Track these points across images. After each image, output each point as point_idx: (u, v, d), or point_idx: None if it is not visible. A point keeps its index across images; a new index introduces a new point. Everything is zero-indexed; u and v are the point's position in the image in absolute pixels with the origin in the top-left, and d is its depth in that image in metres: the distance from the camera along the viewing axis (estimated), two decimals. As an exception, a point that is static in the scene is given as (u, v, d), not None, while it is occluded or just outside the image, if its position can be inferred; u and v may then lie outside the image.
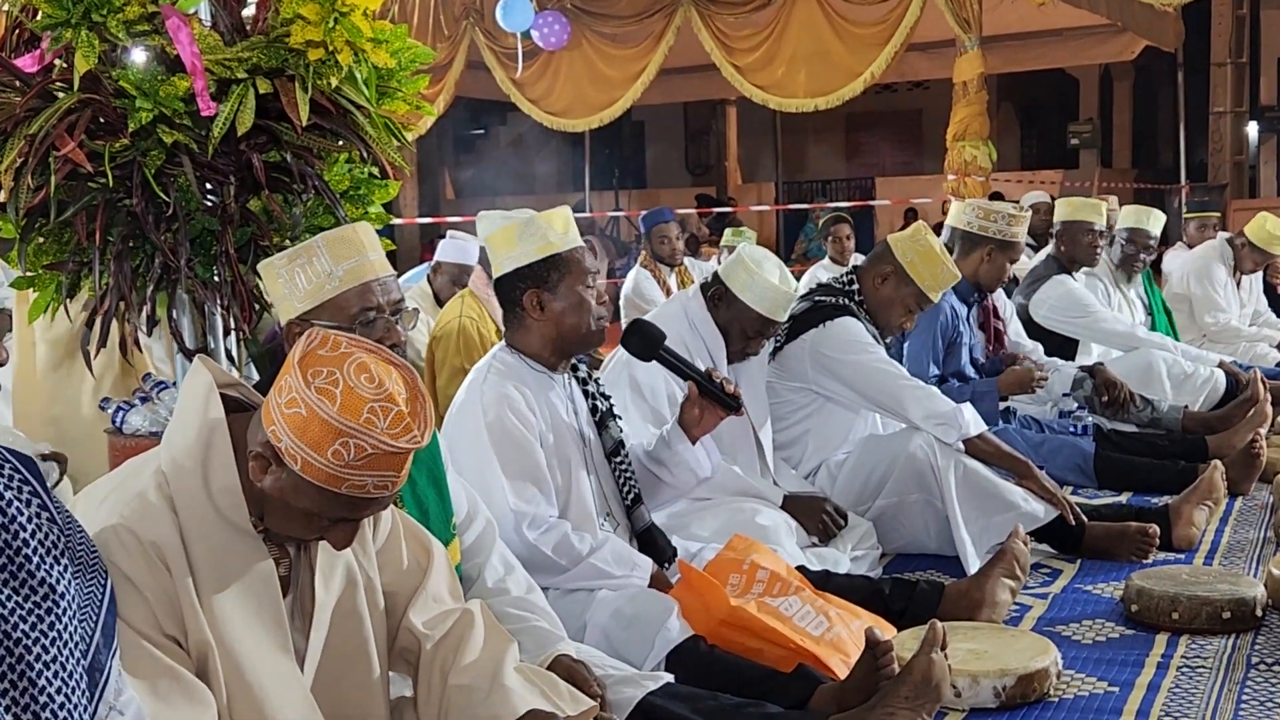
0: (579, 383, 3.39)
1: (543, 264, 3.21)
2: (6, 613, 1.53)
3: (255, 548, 2.02)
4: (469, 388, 3.27)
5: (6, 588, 1.53)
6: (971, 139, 10.16)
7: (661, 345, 3.30)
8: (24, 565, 1.55)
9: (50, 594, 1.57)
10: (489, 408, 3.15)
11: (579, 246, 3.27)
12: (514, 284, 3.24)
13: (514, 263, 3.23)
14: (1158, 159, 19.91)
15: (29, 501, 1.58)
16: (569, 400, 3.32)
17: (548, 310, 3.22)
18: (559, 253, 3.21)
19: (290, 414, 1.86)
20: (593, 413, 3.38)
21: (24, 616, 1.54)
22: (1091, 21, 12.85)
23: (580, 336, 3.25)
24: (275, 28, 3.07)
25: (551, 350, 3.27)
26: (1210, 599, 3.46)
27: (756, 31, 11.02)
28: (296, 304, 2.52)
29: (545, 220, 3.25)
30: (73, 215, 3.02)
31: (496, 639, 2.26)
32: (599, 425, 3.37)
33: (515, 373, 3.24)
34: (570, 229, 3.27)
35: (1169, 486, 4.81)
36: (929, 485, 4.18)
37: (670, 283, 8.31)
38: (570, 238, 3.24)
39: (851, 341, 4.36)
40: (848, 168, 22.53)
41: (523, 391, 3.18)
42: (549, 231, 3.22)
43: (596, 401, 3.40)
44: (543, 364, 3.28)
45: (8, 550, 1.55)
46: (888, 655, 2.74)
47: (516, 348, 3.29)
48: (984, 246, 5.21)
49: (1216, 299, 7.56)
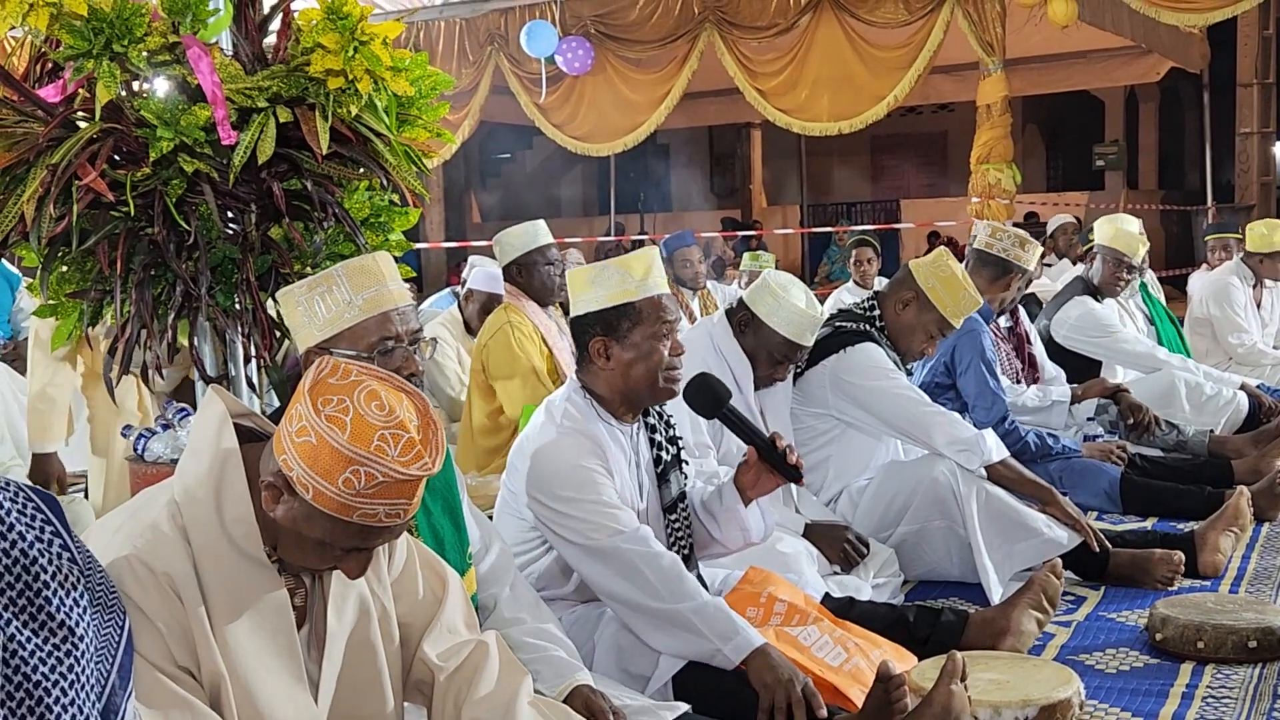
0: (647, 429, 3.26)
1: (614, 311, 3.08)
2: (26, 654, 1.53)
3: (269, 578, 2.02)
4: (546, 424, 3.15)
5: (26, 628, 1.54)
6: (996, 161, 10.14)
7: (726, 405, 3.13)
8: (44, 606, 1.55)
9: (69, 635, 1.57)
10: (567, 450, 3.04)
11: (658, 295, 3.10)
12: (585, 328, 3.13)
13: (586, 306, 3.12)
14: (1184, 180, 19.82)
15: (50, 541, 1.59)
16: (633, 451, 3.21)
17: (614, 360, 3.09)
18: (633, 301, 3.07)
19: (301, 443, 1.86)
20: (656, 463, 3.25)
21: (43, 659, 1.54)
22: (1116, 43, 12.82)
23: (648, 390, 3.12)
24: (295, 57, 3.10)
25: (620, 400, 3.15)
26: (1236, 628, 3.42)
27: (780, 55, 11.02)
28: (315, 332, 2.52)
29: (622, 265, 3.10)
30: (95, 244, 3.05)
31: (511, 672, 2.25)
32: (660, 476, 3.24)
33: (586, 418, 3.12)
34: (650, 274, 3.10)
35: (1195, 512, 4.78)
36: (951, 512, 4.15)
37: (693, 306, 8.31)
38: (649, 284, 3.09)
39: (872, 367, 4.35)
40: (872, 190, 22.52)
41: (593, 439, 3.08)
42: (626, 277, 3.08)
43: (662, 452, 3.26)
44: (611, 412, 3.16)
45: (28, 591, 1.55)
46: (900, 690, 2.71)
47: (587, 388, 3.18)
48: (993, 266, 5.25)
49: (1238, 320, 7.51)
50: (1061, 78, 15.29)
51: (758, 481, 3.17)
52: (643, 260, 3.11)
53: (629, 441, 3.20)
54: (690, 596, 2.92)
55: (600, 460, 3.05)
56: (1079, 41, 12.32)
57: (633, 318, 3.07)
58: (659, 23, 11.23)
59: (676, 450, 3.30)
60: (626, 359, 3.08)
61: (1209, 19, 9.93)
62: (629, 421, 3.20)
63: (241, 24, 3.19)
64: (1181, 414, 5.99)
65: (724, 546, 3.33)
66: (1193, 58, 13.51)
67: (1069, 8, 9.59)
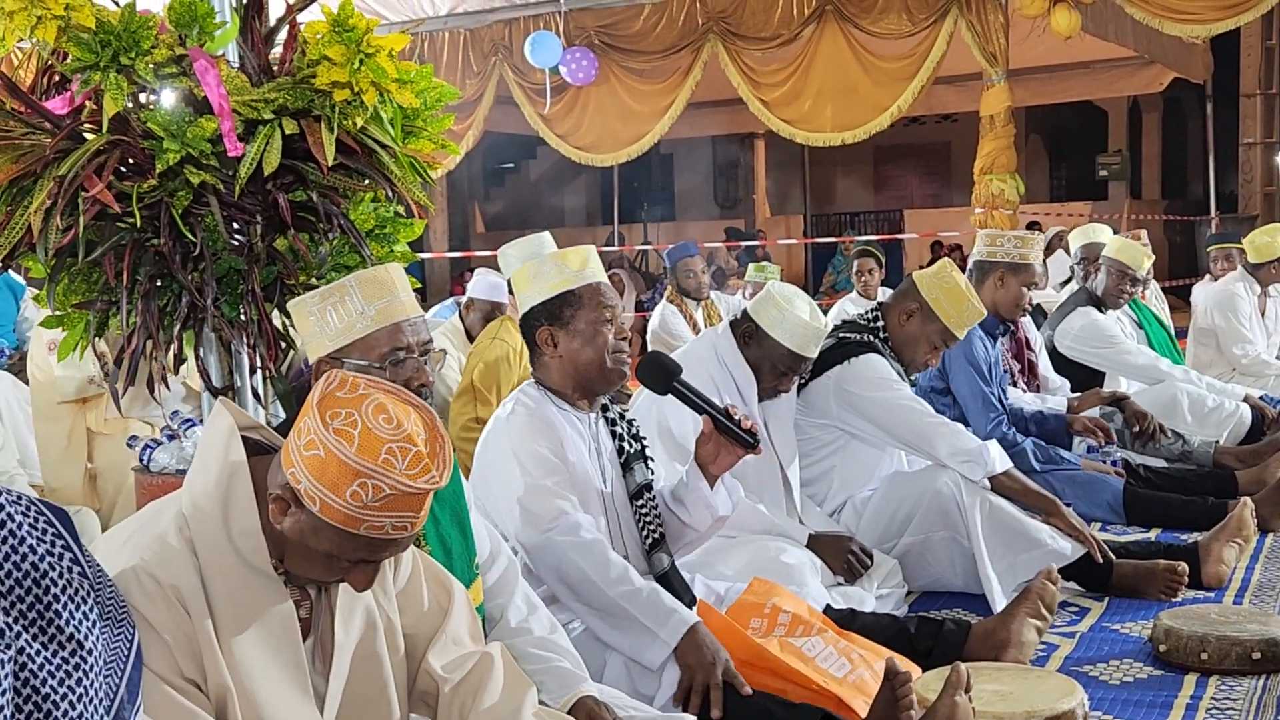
0: (607, 423, 3.35)
1: (556, 300, 3.21)
2: (35, 667, 1.53)
3: (275, 590, 2.02)
4: (494, 420, 3.28)
5: (36, 641, 1.54)
6: (999, 172, 10.14)
7: (676, 378, 3.21)
8: (53, 620, 1.56)
9: (78, 649, 1.58)
10: (515, 434, 3.15)
11: (596, 282, 3.23)
12: (531, 321, 3.26)
13: (530, 301, 3.25)
14: (1187, 190, 19.84)
15: (60, 555, 1.59)
16: (593, 440, 3.29)
17: (561, 347, 3.21)
18: (572, 289, 3.20)
19: (309, 456, 1.87)
20: (619, 454, 3.33)
21: (52, 672, 1.54)
22: (1119, 54, 12.83)
23: (597, 373, 3.22)
24: (302, 69, 3.10)
25: (573, 388, 3.25)
26: (1240, 639, 3.42)
27: (783, 66, 11.03)
28: (327, 342, 2.55)
29: (559, 257, 3.24)
30: (101, 255, 3.05)
31: (516, 683, 2.26)
32: (624, 466, 3.32)
33: (540, 408, 3.22)
34: (587, 265, 3.24)
35: (1199, 523, 4.78)
36: (955, 523, 4.15)
37: (697, 317, 8.32)
38: (586, 273, 3.22)
39: (876, 378, 4.35)
40: (876, 200, 22.54)
41: (548, 427, 3.18)
42: (563, 268, 3.21)
43: (624, 442, 3.35)
44: (567, 401, 3.26)
45: (38, 605, 1.55)
46: (906, 686, 2.72)
47: (542, 384, 3.29)
48: (995, 272, 5.26)
49: (1242, 330, 7.51)
50: (1065, 88, 15.31)
51: (718, 455, 3.23)
52: (579, 253, 3.25)
53: (588, 429, 3.28)
54: (623, 582, 2.99)
55: (549, 441, 3.13)
56: (1082, 52, 12.33)
57: (574, 304, 3.20)
58: (663, 34, 11.24)
59: (641, 446, 3.38)
60: (574, 345, 3.20)
61: (1212, 30, 9.94)
62: (586, 410, 3.28)
63: (248, 36, 3.20)
64: (1184, 426, 6.00)
65: (695, 530, 3.38)
66: (1196, 68, 13.53)
67: (1072, 18, 9.60)
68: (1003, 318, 5.33)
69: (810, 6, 10.64)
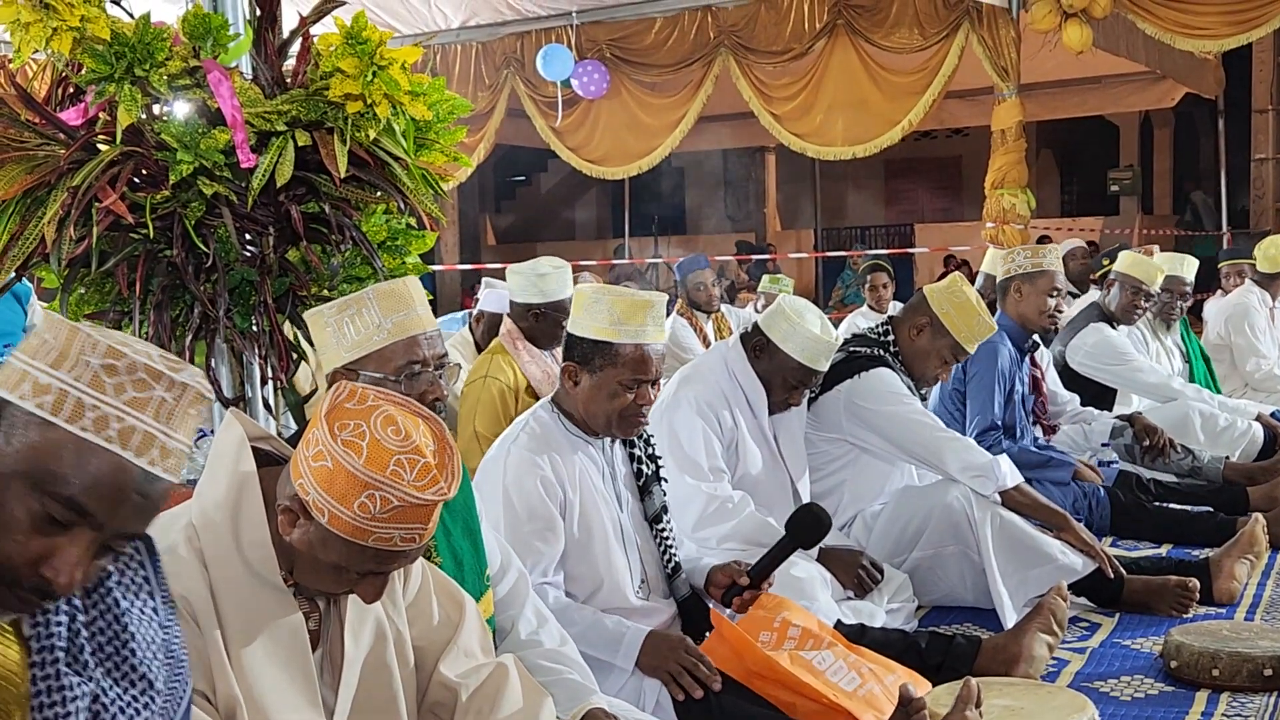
0: (624, 445, 3.31)
1: (595, 345, 3.14)
2: (108, 701, 1.55)
3: (285, 602, 2.02)
4: (500, 444, 3.25)
5: (109, 676, 1.56)
6: (1010, 186, 10.13)
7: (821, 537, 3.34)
8: (128, 659, 1.59)
9: (149, 688, 1.60)
10: (510, 469, 3.12)
11: (643, 346, 3.11)
12: (570, 346, 3.21)
13: (574, 328, 3.19)
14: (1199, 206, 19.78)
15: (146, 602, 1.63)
16: (607, 465, 3.26)
17: (581, 388, 3.17)
18: (616, 343, 3.11)
19: (317, 467, 1.87)
20: (636, 477, 3.30)
21: (122, 708, 1.56)
22: (1131, 69, 12.81)
23: (602, 426, 3.19)
24: (315, 81, 3.12)
25: (581, 425, 3.22)
26: (1251, 656, 3.41)
27: (794, 80, 11.03)
28: (343, 354, 2.55)
29: (619, 305, 3.11)
30: (114, 266, 3.06)
31: (533, 693, 2.26)
32: (642, 490, 3.29)
33: (549, 435, 3.18)
34: (645, 324, 3.11)
35: (1207, 539, 4.76)
36: (965, 537, 4.15)
37: (707, 330, 8.32)
38: (638, 332, 3.10)
39: (886, 393, 4.34)
40: (887, 214, 22.51)
41: (552, 459, 3.13)
42: (616, 318, 3.11)
43: (642, 466, 3.31)
44: (580, 428, 3.23)
45: (115, 642, 1.58)
46: (920, 714, 2.71)
47: (559, 406, 3.25)
48: (1012, 286, 5.27)
49: (1257, 345, 7.49)
50: (1076, 103, 15.28)
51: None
52: (642, 309, 3.11)
53: (602, 455, 3.25)
54: (574, 623, 2.99)
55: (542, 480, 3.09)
56: (1094, 67, 12.32)
57: (609, 358, 3.11)
58: (674, 47, 11.26)
59: (656, 467, 3.34)
60: (590, 392, 3.14)
61: (1224, 45, 9.94)
62: (600, 436, 3.25)
63: (261, 48, 3.21)
64: (1196, 444, 5.98)
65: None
66: (1207, 83, 13.50)
67: (1084, 33, 9.60)
68: (1030, 330, 5.31)
69: (822, 20, 10.64)
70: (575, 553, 3.14)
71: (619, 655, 2.98)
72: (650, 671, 2.95)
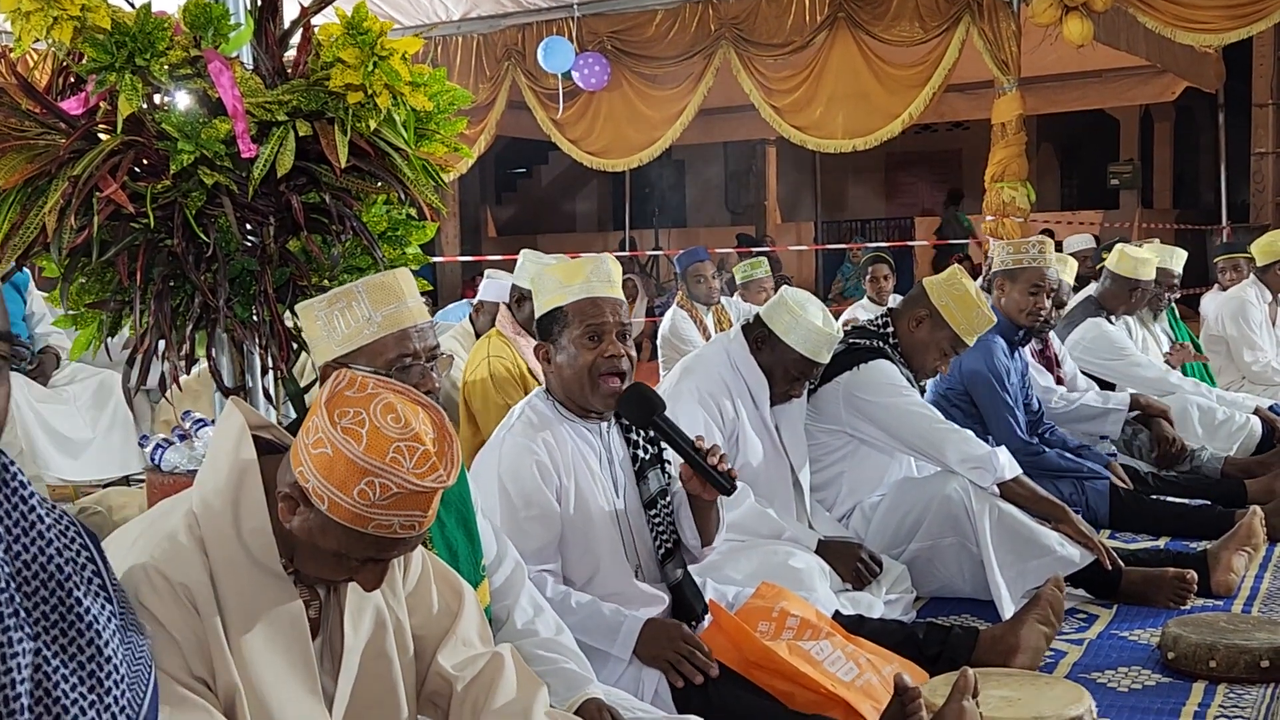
0: (621, 429, 3.29)
1: (547, 317, 3.16)
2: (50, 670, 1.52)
3: (285, 590, 2.03)
4: (496, 432, 3.26)
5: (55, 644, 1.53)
6: (1010, 180, 10.12)
7: (657, 413, 3.04)
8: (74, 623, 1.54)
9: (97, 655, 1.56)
10: (506, 457, 3.12)
11: (585, 298, 3.11)
12: (538, 333, 3.24)
13: (537, 314, 3.23)
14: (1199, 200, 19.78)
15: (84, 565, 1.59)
16: (605, 449, 3.24)
17: (553, 364, 3.17)
18: (560, 305, 3.13)
19: (317, 454, 1.88)
20: (634, 460, 3.28)
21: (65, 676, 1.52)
22: (1131, 63, 12.80)
23: (581, 394, 3.15)
24: (315, 71, 3.12)
25: (570, 403, 3.20)
26: (1248, 647, 3.42)
27: (795, 73, 11.02)
28: (334, 347, 2.54)
29: (555, 272, 3.16)
30: (115, 255, 3.07)
31: (527, 683, 2.26)
32: (638, 475, 3.27)
33: (545, 421, 3.18)
34: (579, 279, 3.12)
35: (1205, 532, 4.78)
36: (964, 529, 4.15)
37: (707, 322, 8.32)
38: (578, 289, 3.11)
39: (885, 384, 4.35)
40: (887, 207, 22.50)
41: (547, 442, 3.13)
42: (557, 283, 3.14)
43: (639, 450, 3.29)
44: (573, 411, 3.21)
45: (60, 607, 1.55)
46: (915, 703, 2.72)
47: (551, 393, 3.26)
48: (996, 281, 5.29)
49: (1254, 338, 7.50)
50: (1076, 97, 15.27)
51: (702, 489, 3.04)
52: (581, 267, 3.14)
53: (599, 439, 3.23)
54: (571, 612, 2.99)
55: (538, 468, 3.08)
56: (1094, 61, 12.32)
57: (560, 321, 3.13)
58: (675, 39, 11.25)
59: (658, 450, 3.29)
60: (559, 363, 3.14)
61: (1224, 39, 9.92)
62: (596, 420, 3.23)
63: (262, 38, 3.22)
64: (1194, 438, 5.99)
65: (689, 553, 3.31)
66: (1208, 78, 13.48)
67: (1084, 27, 9.59)
68: (1018, 326, 5.32)
69: (822, 14, 10.63)
70: (571, 537, 3.14)
71: (616, 644, 2.99)
72: (648, 660, 2.96)
